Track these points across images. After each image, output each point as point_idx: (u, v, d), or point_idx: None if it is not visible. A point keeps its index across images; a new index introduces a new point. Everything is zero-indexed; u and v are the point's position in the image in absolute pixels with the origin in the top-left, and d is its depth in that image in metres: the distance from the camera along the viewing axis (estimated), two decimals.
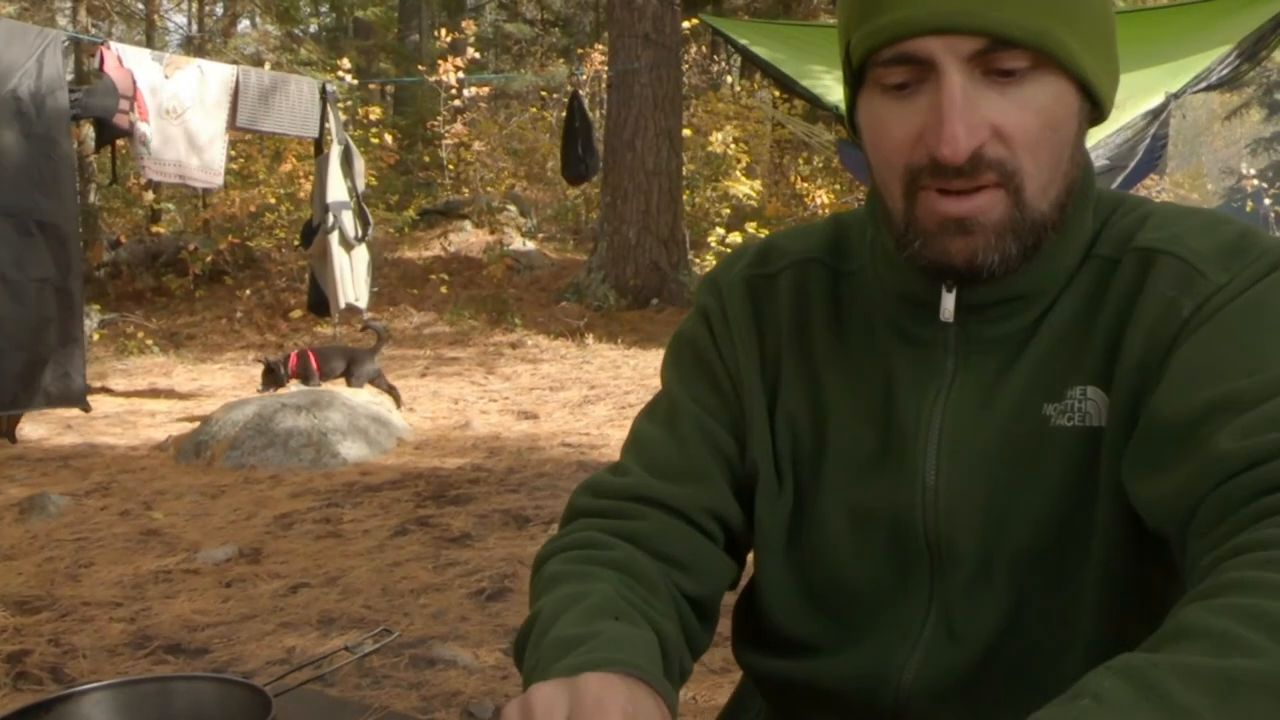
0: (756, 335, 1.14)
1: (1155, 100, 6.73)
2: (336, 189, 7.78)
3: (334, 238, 7.74)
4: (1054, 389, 1.01)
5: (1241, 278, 0.95)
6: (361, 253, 8.07)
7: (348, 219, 7.82)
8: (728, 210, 14.18)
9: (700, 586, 1.10)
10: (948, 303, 1.03)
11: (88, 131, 10.16)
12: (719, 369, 1.15)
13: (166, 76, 6.85)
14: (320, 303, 8.12)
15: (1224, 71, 6.83)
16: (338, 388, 7.51)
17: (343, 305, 7.96)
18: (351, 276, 7.93)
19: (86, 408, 6.32)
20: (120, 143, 7.19)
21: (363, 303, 8.18)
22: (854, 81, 1.02)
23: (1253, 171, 17.28)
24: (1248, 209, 14.60)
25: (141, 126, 6.69)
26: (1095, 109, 1.01)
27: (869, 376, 1.09)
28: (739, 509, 1.14)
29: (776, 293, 1.15)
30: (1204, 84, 6.92)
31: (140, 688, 0.98)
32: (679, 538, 1.10)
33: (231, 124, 7.19)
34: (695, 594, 1.09)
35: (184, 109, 6.92)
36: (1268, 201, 14.60)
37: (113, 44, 6.81)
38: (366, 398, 7.16)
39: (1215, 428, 0.87)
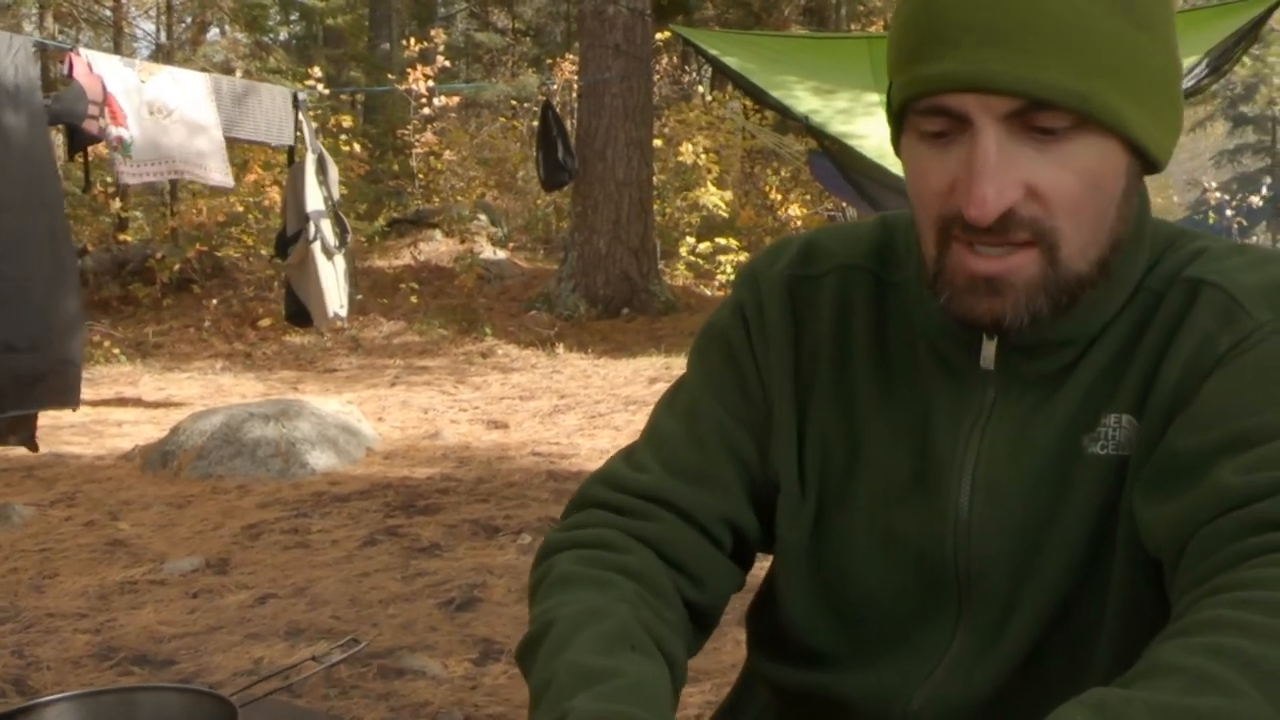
0: (793, 341, 1.12)
1: None
2: (314, 198, 7.75)
3: (316, 247, 7.69)
4: (1092, 419, 0.99)
5: None
6: (340, 261, 8.03)
7: (327, 227, 7.79)
8: (698, 220, 14.19)
9: (705, 595, 1.09)
10: (988, 350, 1.02)
11: (58, 139, 10.07)
12: (749, 370, 1.13)
13: (142, 81, 6.80)
14: (299, 313, 8.06)
15: (1190, 83, 6.89)
16: (307, 396, 7.47)
17: (330, 315, 7.92)
18: (336, 285, 7.90)
19: (76, 405, 6.21)
20: (101, 148, 7.11)
21: (345, 311, 8.15)
22: (896, 122, 1.00)
23: (1214, 185, 17.47)
24: (1210, 221, 14.77)
25: (116, 131, 6.63)
26: (1149, 165, 0.97)
27: (906, 400, 1.07)
28: (753, 517, 1.12)
29: (819, 298, 1.12)
30: None
31: (104, 699, 0.97)
32: (690, 544, 1.08)
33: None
34: (699, 602, 1.08)
35: (172, 108, 6.87)
36: (1230, 213, 14.77)
37: (82, 50, 6.76)
38: (336, 406, 7.12)
39: (1221, 462, 0.86)
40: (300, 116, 7.71)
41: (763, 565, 1.19)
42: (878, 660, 1.07)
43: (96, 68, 6.60)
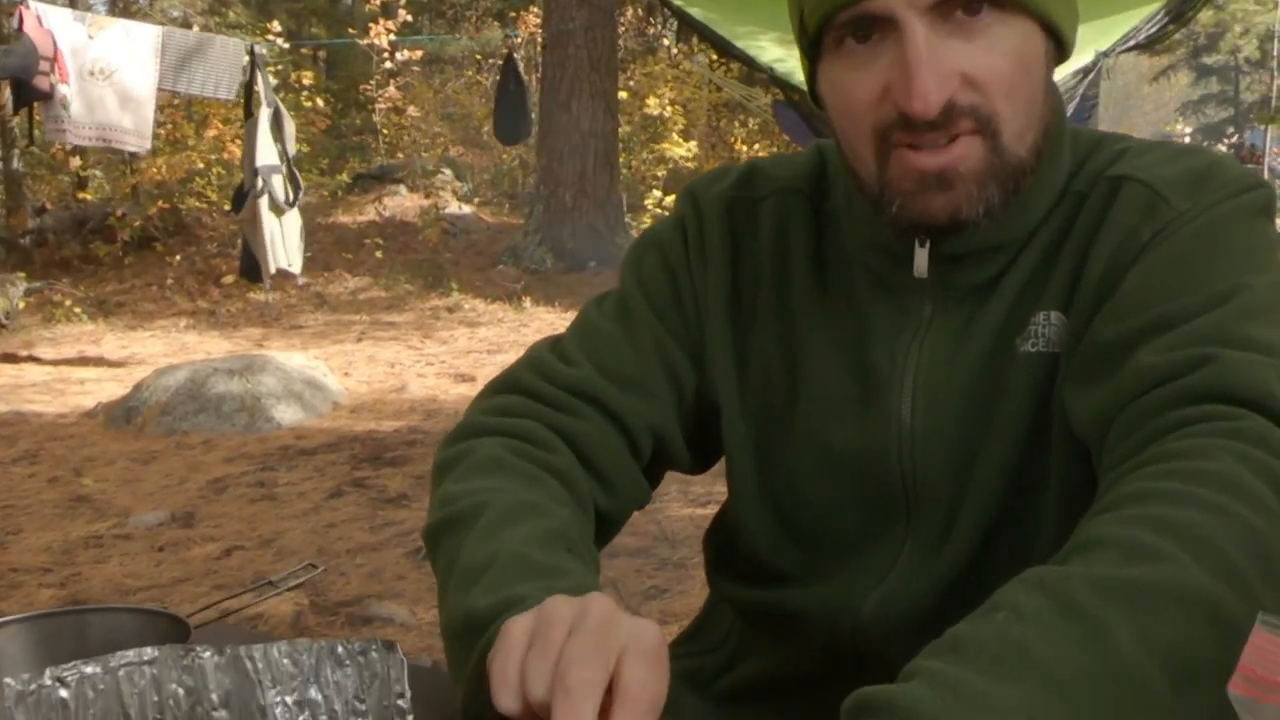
0: (731, 261, 1.12)
1: (1085, 59, 6.78)
2: (266, 153, 7.67)
3: (263, 202, 7.63)
4: (1023, 320, 1.01)
5: (1201, 204, 0.94)
6: (293, 217, 7.96)
7: (277, 183, 7.71)
8: (664, 173, 14.14)
9: (614, 503, 1.10)
10: (920, 259, 1.02)
11: (5, 94, 9.91)
12: (685, 286, 1.13)
13: (90, 37, 6.70)
14: (252, 268, 8.02)
15: (1152, 30, 6.89)
16: (272, 352, 7.42)
17: (273, 270, 7.86)
18: (283, 241, 7.83)
19: None
20: (36, 106, 7.00)
21: (296, 268, 8.09)
22: (812, 52, 1.00)
23: (1187, 132, 17.51)
24: None
25: (62, 89, 6.53)
26: (1059, 49, 1.00)
27: (845, 320, 1.08)
28: (679, 432, 1.13)
29: (758, 221, 1.12)
30: (1132, 43, 6.98)
31: (56, 620, 0.96)
32: (612, 449, 1.09)
33: (159, 84, 7.05)
34: (607, 510, 1.09)
35: (112, 70, 6.77)
36: None
37: (32, 3, 6.64)
38: (302, 361, 7.08)
39: (1143, 346, 0.88)
40: (257, 71, 7.61)
41: (711, 489, 1.19)
42: (831, 575, 1.08)
43: (47, 22, 6.49)
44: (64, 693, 0.65)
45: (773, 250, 1.12)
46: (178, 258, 12.26)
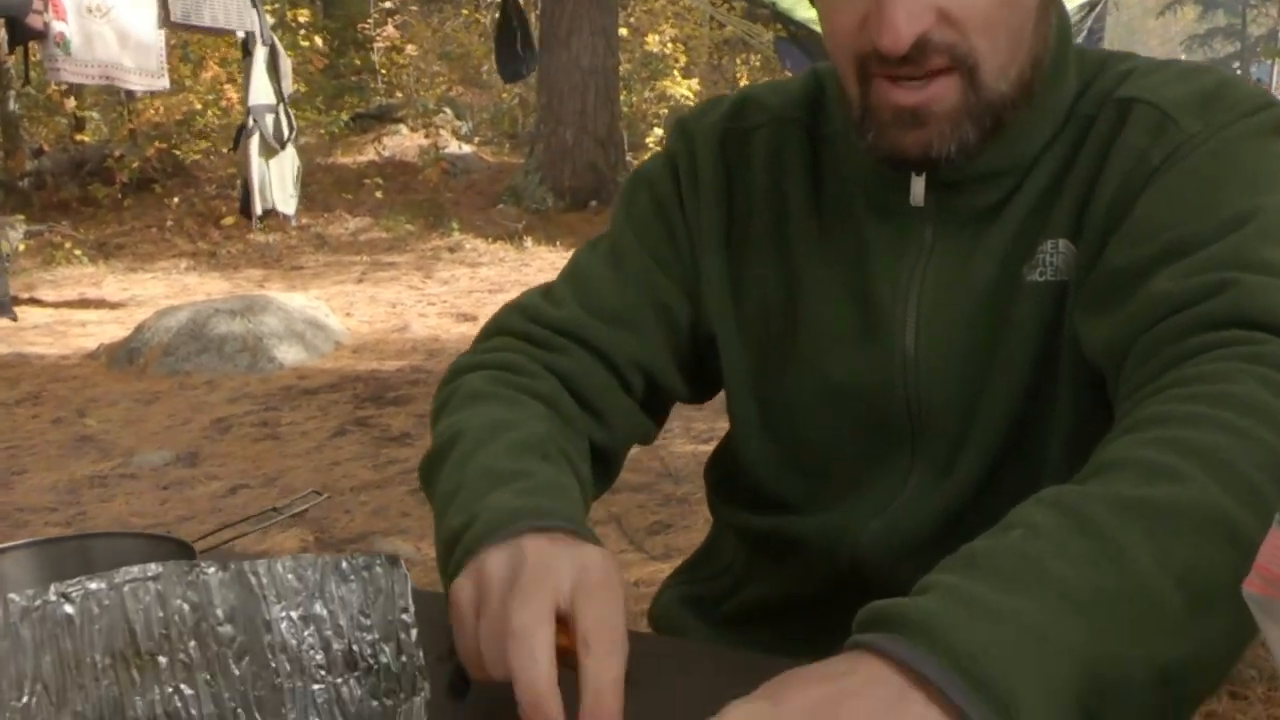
0: (726, 194, 1.11)
1: None
2: (261, 91, 7.61)
3: (254, 141, 7.59)
4: (1029, 248, 0.99)
5: (1212, 125, 0.92)
6: (288, 157, 7.92)
7: (269, 122, 7.66)
8: (665, 111, 14.03)
9: (609, 437, 1.09)
10: (917, 187, 1.00)
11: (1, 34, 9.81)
12: (678, 221, 1.12)
13: None
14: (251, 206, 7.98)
15: None
16: (273, 292, 7.41)
17: (259, 210, 7.84)
18: (273, 182, 7.80)
19: (13, 317, 6.19)
20: (32, 45, 6.93)
21: (288, 209, 8.05)
22: None
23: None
24: None
25: (58, 26, 6.46)
26: None
27: (844, 248, 1.06)
28: (671, 366, 1.12)
29: (751, 151, 1.11)
30: None
31: (61, 545, 0.96)
32: (600, 383, 1.08)
33: (165, 20, 6.97)
34: (604, 444, 1.08)
35: (109, 6, 6.69)
36: None
37: None
38: (303, 302, 7.07)
39: (1158, 272, 0.86)
40: (255, 8, 7.53)
41: (713, 425, 1.18)
42: (833, 503, 1.08)
43: None
44: (69, 608, 0.65)
45: (768, 180, 1.10)
46: (176, 199, 12.20)
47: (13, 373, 6.37)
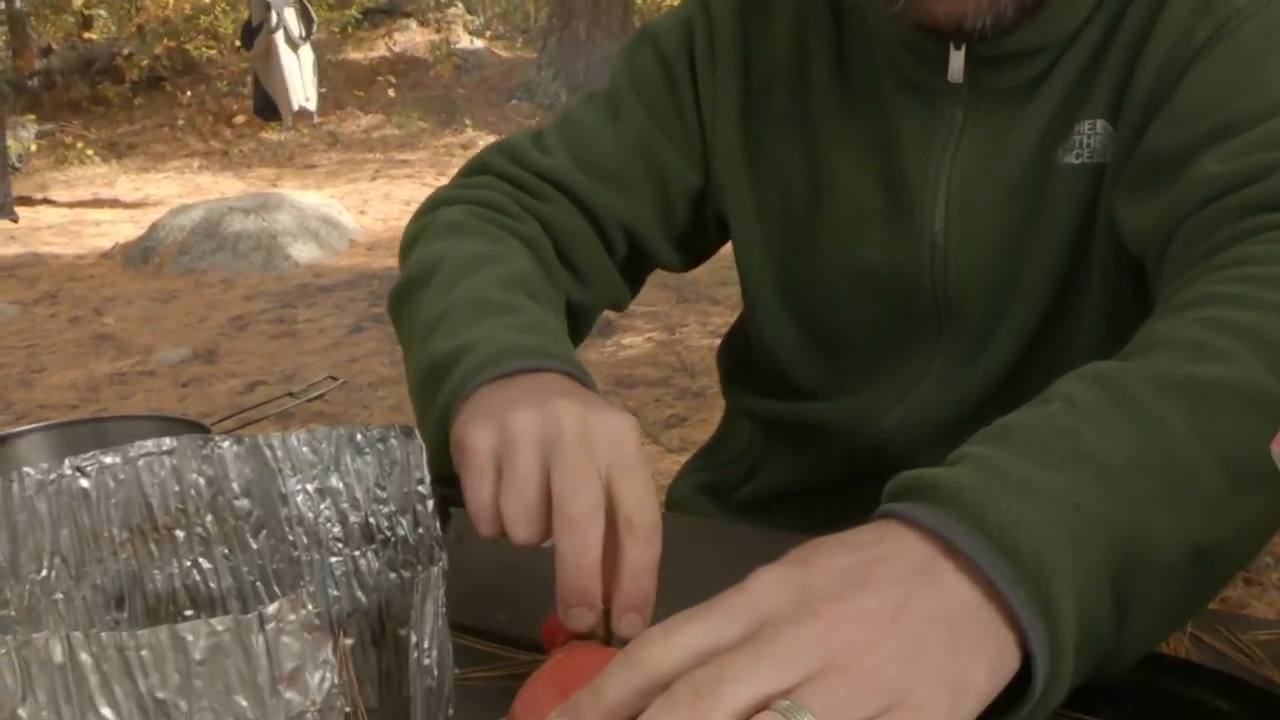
0: (744, 65, 1.07)
1: None
2: None
3: (279, 37, 7.48)
4: (1065, 128, 0.95)
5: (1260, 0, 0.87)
6: (307, 52, 7.81)
7: (291, 17, 7.55)
8: (679, 3, 13.77)
9: (587, 297, 1.07)
10: (955, 62, 0.95)
11: None
12: (685, 84, 1.08)
13: None
14: (267, 106, 7.91)
15: None
16: (286, 190, 7.37)
17: (295, 108, 7.75)
18: (300, 77, 7.71)
19: (14, 218, 6.19)
20: None
21: (312, 104, 7.97)
22: None
23: None
24: None
25: None
26: None
27: (871, 126, 1.02)
28: (658, 232, 1.10)
29: (772, 22, 1.06)
30: None
31: (76, 429, 0.96)
32: (582, 238, 1.06)
33: None
34: (580, 302, 1.06)
35: None
36: None
37: None
38: (317, 200, 7.03)
39: (1205, 153, 0.82)
40: None
41: (730, 320, 1.16)
42: (854, 388, 1.07)
43: None
44: (84, 483, 0.64)
45: (789, 51, 1.06)
46: (188, 96, 12.10)
47: (30, 272, 6.39)
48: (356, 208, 7.73)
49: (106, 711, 0.46)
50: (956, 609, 0.52)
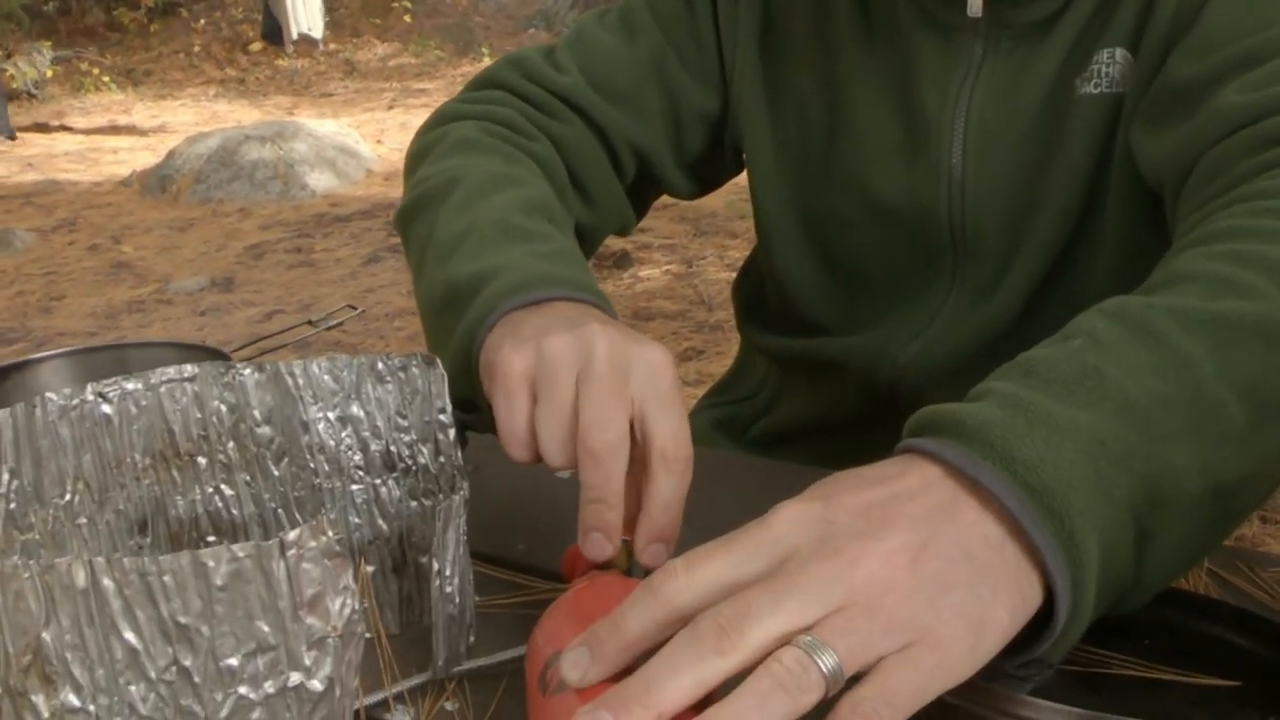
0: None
1: None
2: None
3: None
4: (1084, 59, 0.93)
5: None
6: None
7: None
8: None
9: (594, 220, 1.06)
10: None
11: None
12: (705, 12, 1.07)
13: None
14: (275, 31, 7.87)
15: None
16: (303, 119, 7.33)
17: (295, 35, 7.70)
18: (304, 4, 7.64)
19: (11, 135, 6.18)
20: None
21: (317, 33, 7.91)
22: None
23: None
24: None
25: None
26: None
27: (890, 60, 1.01)
28: (669, 155, 1.09)
29: None
30: None
31: (97, 355, 0.96)
32: (593, 159, 1.05)
33: None
34: (587, 226, 1.05)
35: None
36: None
37: None
38: (333, 128, 7.00)
39: (1226, 84, 0.81)
40: None
41: (747, 253, 1.16)
42: (869, 323, 1.06)
43: None
44: (106, 408, 0.65)
45: None
46: (203, 23, 12.01)
47: (48, 200, 6.39)
48: (373, 137, 7.69)
49: (129, 636, 0.46)
50: (979, 547, 0.52)
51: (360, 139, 7.20)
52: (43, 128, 8.83)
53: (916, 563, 0.50)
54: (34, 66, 10.29)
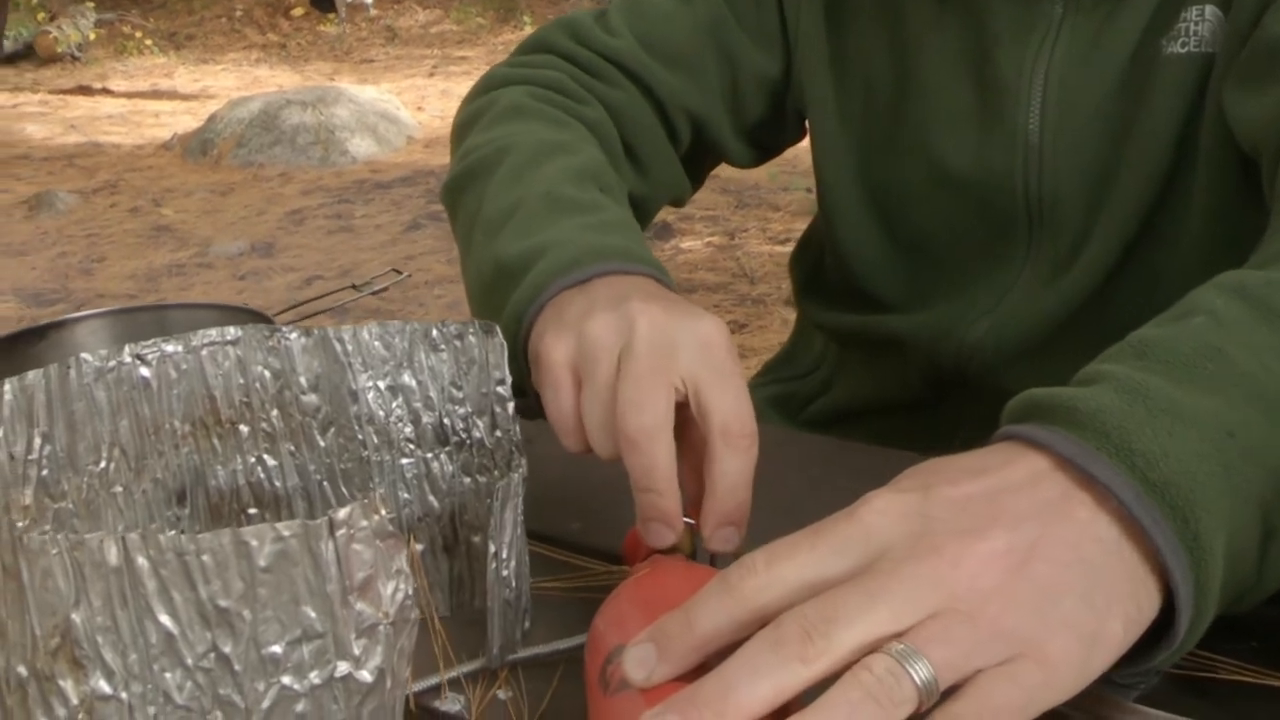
0: None
1: None
2: None
3: None
4: (1170, 17, 0.88)
5: None
6: None
7: None
8: None
9: (648, 191, 1.02)
10: None
11: None
12: None
13: None
14: None
15: None
16: (343, 84, 7.31)
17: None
18: None
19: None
20: None
21: None
22: None
23: None
24: None
25: None
26: None
27: (963, 23, 0.96)
28: (726, 122, 1.04)
29: None
30: None
31: (137, 315, 0.93)
32: (646, 125, 1.01)
33: None
34: (640, 197, 1.01)
35: None
36: None
37: None
38: (374, 94, 6.97)
39: None
40: None
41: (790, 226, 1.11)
42: (936, 300, 1.01)
43: None
44: (145, 371, 0.61)
45: None
46: None
47: (90, 162, 6.40)
48: (414, 104, 7.66)
49: (165, 619, 0.43)
50: (1094, 550, 0.46)
51: (401, 105, 7.16)
52: (85, 90, 8.85)
53: (1024, 566, 0.45)
54: (77, 29, 10.31)
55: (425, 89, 8.51)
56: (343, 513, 0.44)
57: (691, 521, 0.62)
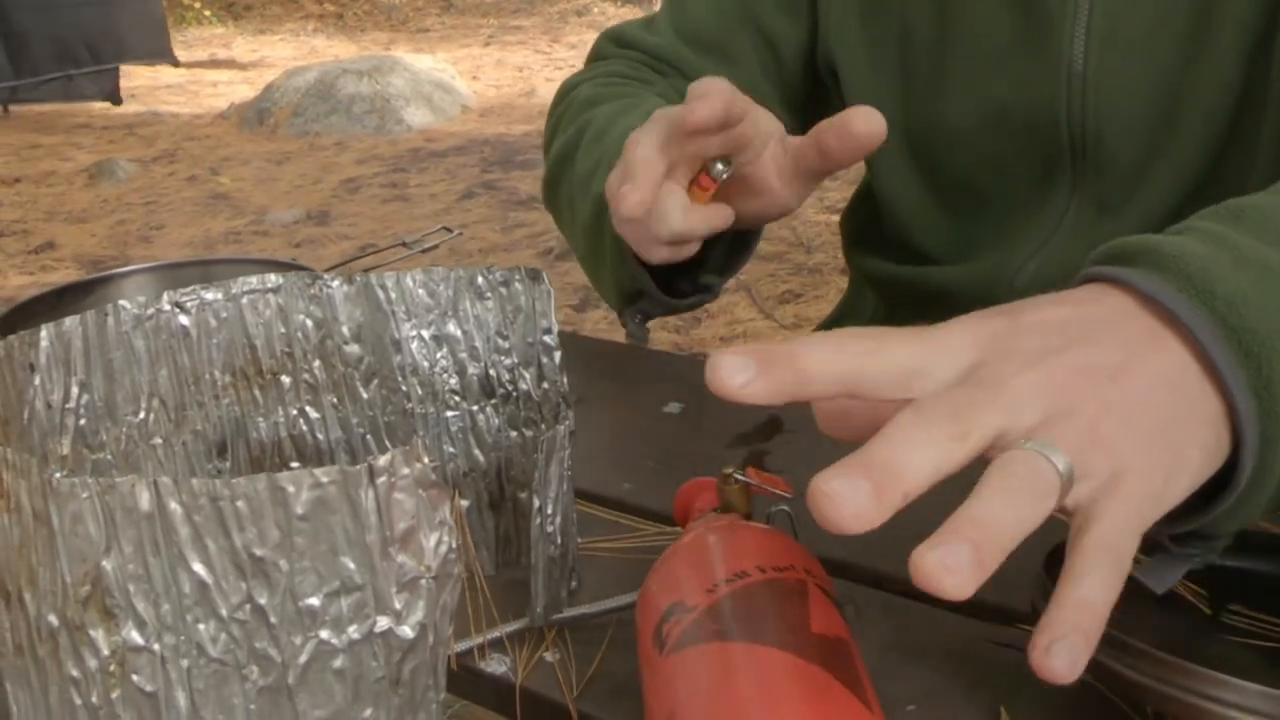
0: None
1: None
2: None
3: None
4: None
5: None
6: None
7: None
8: None
9: None
10: None
11: None
12: None
13: None
14: None
15: None
16: (399, 54, 7.30)
17: None
18: None
19: (175, 62, 6.30)
20: None
21: None
22: None
23: None
24: None
25: None
26: None
27: None
28: (771, 98, 1.04)
29: None
30: None
31: (183, 270, 0.92)
32: None
33: None
34: None
35: None
36: None
37: None
38: (430, 64, 6.96)
39: None
40: None
41: (846, 195, 1.07)
42: (983, 246, 0.98)
43: None
44: (184, 319, 0.59)
45: None
46: None
47: (149, 131, 6.44)
48: (469, 73, 7.64)
49: (198, 567, 0.41)
50: (1177, 379, 0.46)
51: (456, 75, 7.15)
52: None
53: (1115, 382, 0.44)
54: None
55: (481, 58, 8.50)
56: (384, 459, 0.42)
57: (749, 481, 0.60)
